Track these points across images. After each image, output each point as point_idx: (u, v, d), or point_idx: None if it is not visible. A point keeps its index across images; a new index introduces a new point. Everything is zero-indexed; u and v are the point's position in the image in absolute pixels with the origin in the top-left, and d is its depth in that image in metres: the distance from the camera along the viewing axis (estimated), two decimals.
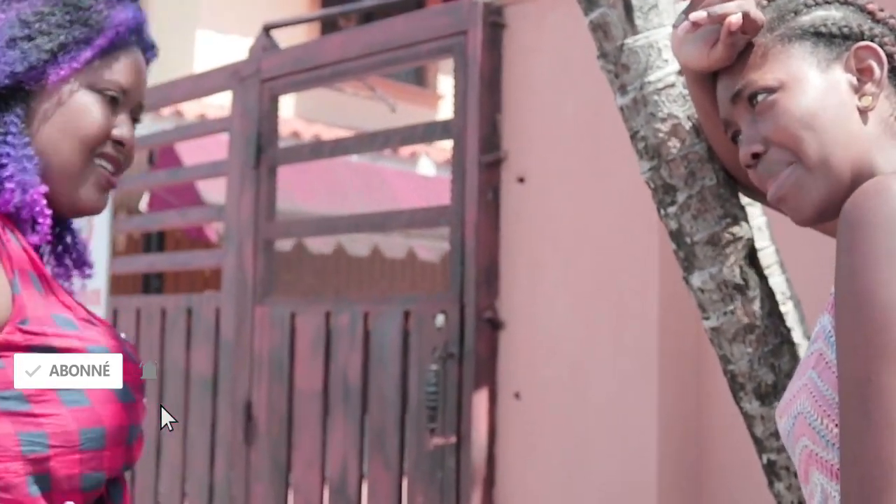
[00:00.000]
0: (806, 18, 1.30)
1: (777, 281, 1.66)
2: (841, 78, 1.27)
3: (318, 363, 3.51)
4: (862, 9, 1.32)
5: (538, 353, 3.03)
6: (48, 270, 1.48)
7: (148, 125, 7.87)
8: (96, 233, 4.41)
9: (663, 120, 1.55)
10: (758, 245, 1.64)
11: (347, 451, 3.39)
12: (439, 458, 3.13)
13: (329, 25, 10.14)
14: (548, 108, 3.05)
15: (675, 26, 1.39)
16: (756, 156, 1.31)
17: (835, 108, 1.26)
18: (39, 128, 1.38)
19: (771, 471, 1.59)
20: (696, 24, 1.32)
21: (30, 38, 1.37)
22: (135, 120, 1.48)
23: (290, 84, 3.75)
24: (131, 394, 1.39)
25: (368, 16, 6.78)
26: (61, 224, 1.53)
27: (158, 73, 2.25)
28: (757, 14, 1.31)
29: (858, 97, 1.27)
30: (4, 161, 1.34)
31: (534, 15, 3.08)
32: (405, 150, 9.42)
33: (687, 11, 1.36)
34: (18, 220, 1.35)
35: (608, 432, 2.85)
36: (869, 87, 1.27)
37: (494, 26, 3.13)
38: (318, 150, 3.73)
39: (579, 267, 2.95)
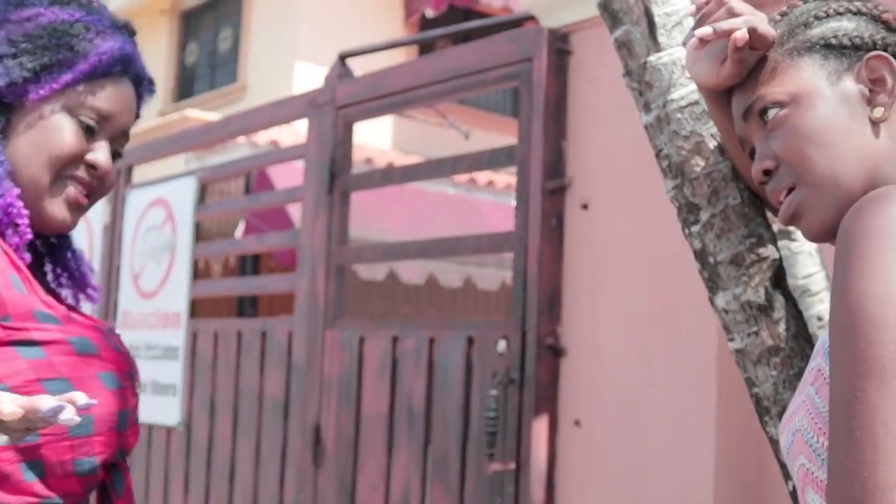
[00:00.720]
0: (816, 31, 1.28)
1: (823, 309, 1.63)
2: (852, 90, 1.25)
3: (385, 387, 3.53)
4: (876, 18, 1.29)
5: (599, 380, 3.01)
6: (51, 286, 1.56)
7: (245, 151, 8.09)
8: (178, 257, 4.52)
9: (686, 138, 1.54)
10: (807, 271, 1.62)
11: (410, 476, 3.40)
12: (499, 483, 3.12)
13: (426, 48, 10.27)
14: (612, 134, 3.04)
15: (684, 44, 1.38)
16: (768, 172, 1.30)
17: (845, 122, 1.24)
18: (15, 141, 1.45)
19: (795, 499, 1.55)
20: (703, 41, 1.32)
21: (14, 56, 1.43)
22: (116, 150, 1.53)
23: (364, 111, 3.80)
24: (119, 381, 1.44)
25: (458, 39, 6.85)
26: (59, 242, 1.59)
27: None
28: (766, 29, 1.29)
29: (871, 109, 1.24)
30: None
31: (599, 41, 3.08)
32: (481, 177, 9.56)
33: (695, 28, 1.35)
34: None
35: (666, 459, 2.81)
36: (881, 97, 1.24)
37: (560, 53, 3.14)
38: (389, 176, 3.76)
39: (640, 294, 2.93)
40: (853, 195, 1.22)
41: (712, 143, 1.53)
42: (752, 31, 1.28)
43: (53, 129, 1.45)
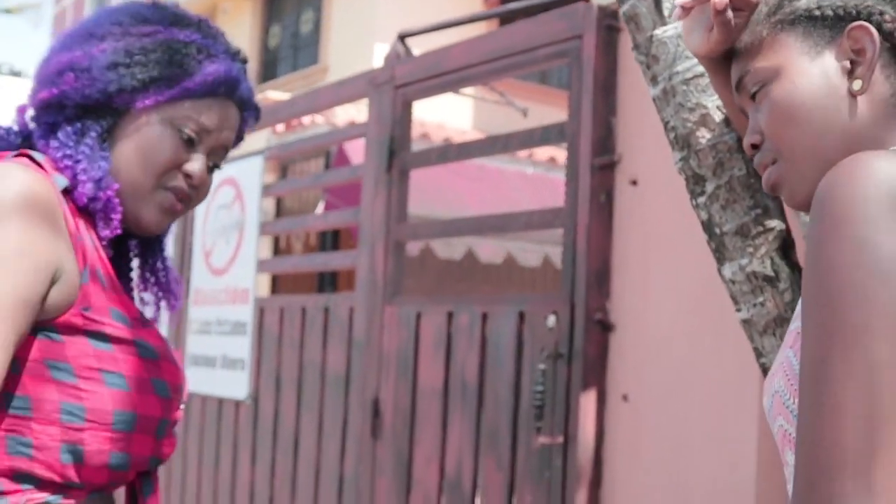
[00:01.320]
0: (802, 2, 1.27)
1: None
2: (831, 62, 1.23)
3: (440, 361, 3.58)
4: None
5: (646, 355, 3.02)
6: (134, 291, 1.68)
7: (325, 130, 8.22)
8: (246, 235, 4.62)
9: (692, 110, 1.56)
10: None
11: (463, 449, 3.45)
12: (547, 457, 3.15)
13: (505, 22, 10.29)
14: None
15: (671, 16, 1.40)
16: (755, 146, 1.31)
17: (823, 96, 1.22)
18: (119, 144, 1.55)
19: None
20: (685, 10, 1.33)
21: (128, 66, 1.54)
22: (214, 164, 1.63)
23: (421, 90, 3.85)
24: (169, 392, 1.54)
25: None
26: (149, 247, 1.70)
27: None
28: None
29: (850, 81, 1.23)
30: (80, 158, 1.51)
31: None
32: (560, 157, 9.63)
33: None
34: (92, 216, 1.51)
35: (711, 435, 2.82)
36: (860, 69, 1.22)
37: (609, 29, 3.15)
38: (445, 154, 3.80)
39: (689, 270, 2.93)
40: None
41: (717, 115, 1.55)
42: None
43: (155, 138, 1.55)
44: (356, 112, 8.85)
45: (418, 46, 4.11)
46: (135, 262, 1.73)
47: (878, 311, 1.02)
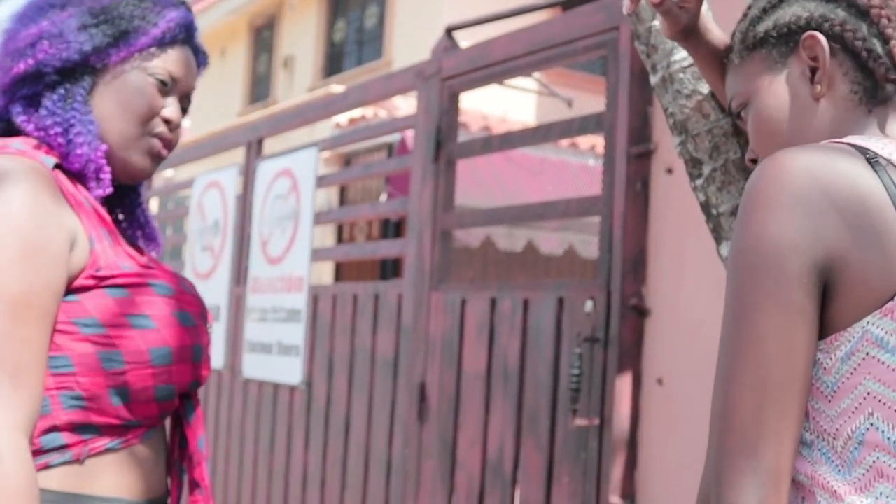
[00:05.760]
0: (762, 26, 1.37)
1: None
2: (794, 74, 1.32)
3: (483, 347, 3.67)
4: None
5: (681, 340, 3.09)
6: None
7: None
8: (301, 224, 4.75)
9: (688, 96, 1.63)
10: None
11: (504, 432, 3.54)
12: (583, 439, 3.23)
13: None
14: None
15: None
16: (754, 161, 1.40)
17: (789, 106, 1.32)
18: (100, 100, 1.66)
19: None
20: (632, 3, 1.44)
21: (97, 25, 1.65)
22: (183, 108, 1.75)
23: (467, 82, 3.94)
24: (193, 320, 1.66)
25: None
26: (129, 199, 1.81)
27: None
28: None
29: (812, 86, 1.31)
30: (73, 122, 1.61)
31: None
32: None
33: None
34: (83, 177, 1.62)
35: None
36: (818, 74, 1.31)
37: None
38: (489, 144, 3.89)
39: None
40: None
41: (713, 102, 1.62)
42: None
43: (135, 88, 1.67)
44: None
45: (469, 39, 4.19)
46: (120, 216, 1.84)
47: (767, 291, 1.11)
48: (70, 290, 1.53)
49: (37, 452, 1.48)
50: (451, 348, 3.82)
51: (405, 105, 9.32)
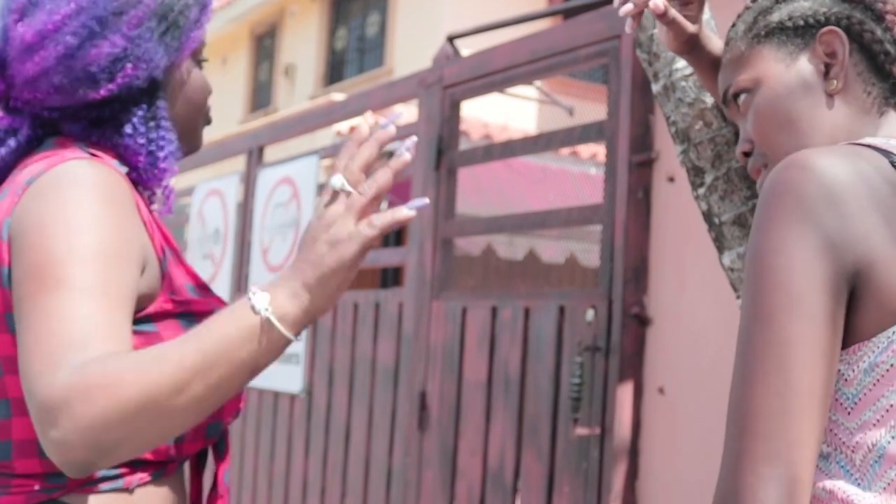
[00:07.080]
0: (775, 16, 1.36)
1: None
2: (807, 67, 1.32)
3: (484, 355, 3.67)
4: None
5: (683, 349, 3.08)
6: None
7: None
8: (301, 232, 4.74)
9: (690, 105, 1.62)
10: None
11: (505, 441, 3.53)
12: (584, 448, 3.22)
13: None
14: None
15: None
16: (746, 153, 1.39)
17: (801, 100, 1.31)
18: (173, 104, 1.56)
19: None
20: (634, 19, 1.43)
21: (165, 32, 1.50)
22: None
23: (469, 90, 3.94)
24: None
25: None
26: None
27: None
28: None
29: (826, 82, 1.31)
30: (163, 143, 1.51)
31: None
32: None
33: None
34: (150, 192, 1.56)
35: None
36: (835, 69, 1.30)
37: None
38: (490, 152, 3.89)
39: None
40: None
41: (716, 110, 1.62)
42: None
43: (196, 82, 1.58)
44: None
45: (470, 47, 4.19)
46: None
47: (796, 296, 1.09)
48: (148, 316, 1.42)
49: (92, 476, 1.40)
50: (452, 357, 3.81)
51: (406, 113, 9.32)
